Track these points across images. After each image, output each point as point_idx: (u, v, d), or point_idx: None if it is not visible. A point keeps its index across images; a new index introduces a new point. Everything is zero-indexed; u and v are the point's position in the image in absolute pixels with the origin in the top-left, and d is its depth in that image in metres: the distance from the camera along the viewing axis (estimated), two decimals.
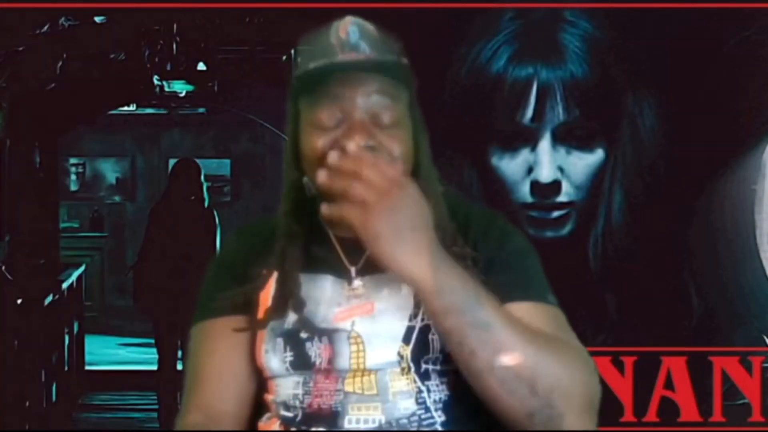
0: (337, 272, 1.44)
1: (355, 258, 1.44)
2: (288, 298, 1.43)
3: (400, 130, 1.43)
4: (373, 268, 1.39)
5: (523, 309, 1.39)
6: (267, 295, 1.45)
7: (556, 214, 4.04)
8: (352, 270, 1.43)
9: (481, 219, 1.48)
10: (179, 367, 5.09)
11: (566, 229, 4.05)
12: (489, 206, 1.74)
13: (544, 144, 3.99)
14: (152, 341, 5.55)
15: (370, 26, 1.45)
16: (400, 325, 1.41)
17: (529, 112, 3.99)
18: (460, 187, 3.90)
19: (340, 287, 1.44)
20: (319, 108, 1.42)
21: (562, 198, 4.03)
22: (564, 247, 3.99)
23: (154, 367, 5.47)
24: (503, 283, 1.39)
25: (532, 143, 4.00)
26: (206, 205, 5.39)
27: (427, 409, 1.40)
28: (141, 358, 7.67)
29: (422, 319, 1.40)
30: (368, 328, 1.40)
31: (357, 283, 1.42)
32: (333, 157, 1.31)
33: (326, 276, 1.45)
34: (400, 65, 1.45)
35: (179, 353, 5.24)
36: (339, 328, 1.41)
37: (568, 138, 3.99)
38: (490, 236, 1.45)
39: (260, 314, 1.45)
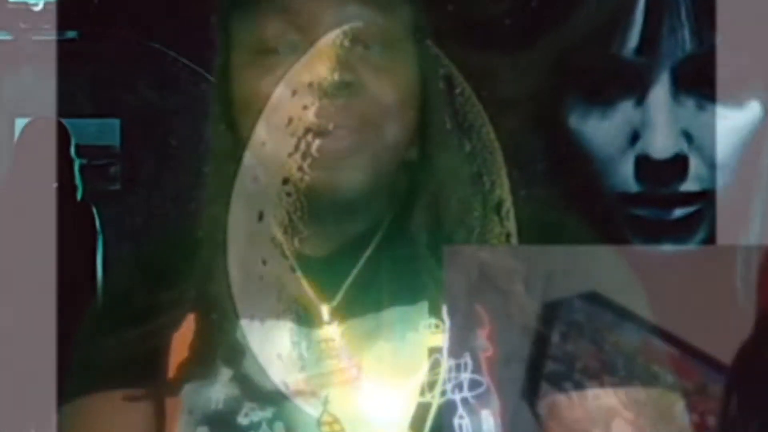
0: (299, 313, 1.47)
1: (330, 290, 1.49)
2: (217, 343, 1.46)
3: (396, 63, 1.49)
4: (357, 306, 1.43)
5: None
6: (183, 340, 1.49)
7: (679, 212, 4.07)
8: (324, 309, 1.46)
9: (543, 221, 1.51)
10: None
11: (697, 238, 4.09)
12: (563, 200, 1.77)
13: (660, 92, 4.02)
14: None
15: None
16: (405, 402, 1.45)
17: (634, 40, 4.03)
18: (516, 166, 3.93)
19: (306, 337, 1.47)
20: (262, 24, 1.46)
21: (689, 185, 4.05)
22: (692, 268, 4.03)
23: None
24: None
25: (639, 92, 4.03)
26: (80, 196, 5.41)
27: None
28: None
29: (442, 393, 1.44)
30: (351, 406, 1.45)
31: (332, 330, 1.45)
32: None
33: (281, 319, 1.48)
34: None
35: None
36: (303, 405, 1.45)
37: (699, 83, 4.02)
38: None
39: (171, 372, 1.48)
